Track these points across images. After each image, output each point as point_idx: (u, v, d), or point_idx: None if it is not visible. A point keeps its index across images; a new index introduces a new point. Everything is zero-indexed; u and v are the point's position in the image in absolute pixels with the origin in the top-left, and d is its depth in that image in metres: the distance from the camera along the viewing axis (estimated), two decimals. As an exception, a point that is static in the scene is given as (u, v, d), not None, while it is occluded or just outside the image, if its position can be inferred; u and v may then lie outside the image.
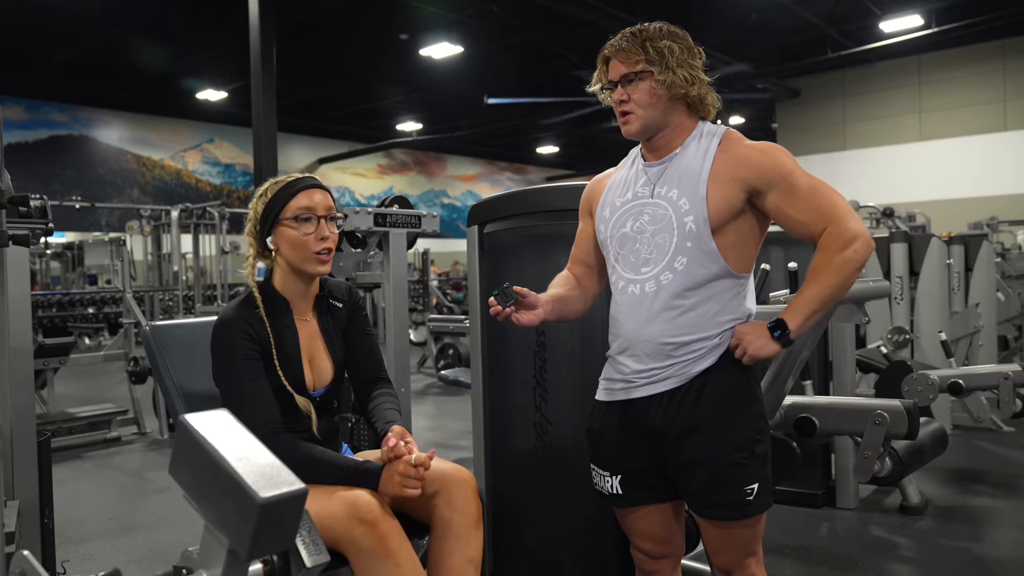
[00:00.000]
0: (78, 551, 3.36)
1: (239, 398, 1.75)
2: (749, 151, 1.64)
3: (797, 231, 1.63)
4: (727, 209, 1.61)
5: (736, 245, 1.64)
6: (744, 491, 1.61)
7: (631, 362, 1.68)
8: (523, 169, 27.58)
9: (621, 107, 1.67)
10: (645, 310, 1.65)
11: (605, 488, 1.76)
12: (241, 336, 1.79)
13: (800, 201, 1.60)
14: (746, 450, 1.62)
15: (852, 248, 1.55)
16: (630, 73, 1.64)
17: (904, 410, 2.45)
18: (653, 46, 1.63)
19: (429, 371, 8.69)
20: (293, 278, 1.91)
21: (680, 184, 1.65)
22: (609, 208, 1.75)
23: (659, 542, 1.78)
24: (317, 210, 1.86)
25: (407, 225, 3.28)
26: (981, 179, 15.07)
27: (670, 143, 1.70)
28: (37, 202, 2.05)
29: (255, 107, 10.25)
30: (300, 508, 1.09)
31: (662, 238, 1.64)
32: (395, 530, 1.64)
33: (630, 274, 1.68)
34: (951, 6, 12.55)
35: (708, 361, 1.63)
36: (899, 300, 5.32)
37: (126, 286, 6.26)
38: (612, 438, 1.73)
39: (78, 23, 12.15)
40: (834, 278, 1.57)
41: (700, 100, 1.68)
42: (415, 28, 12.79)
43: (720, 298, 1.64)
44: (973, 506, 3.67)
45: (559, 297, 1.79)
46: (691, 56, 1.66)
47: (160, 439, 5.60)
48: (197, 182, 19.39)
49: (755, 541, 1.71)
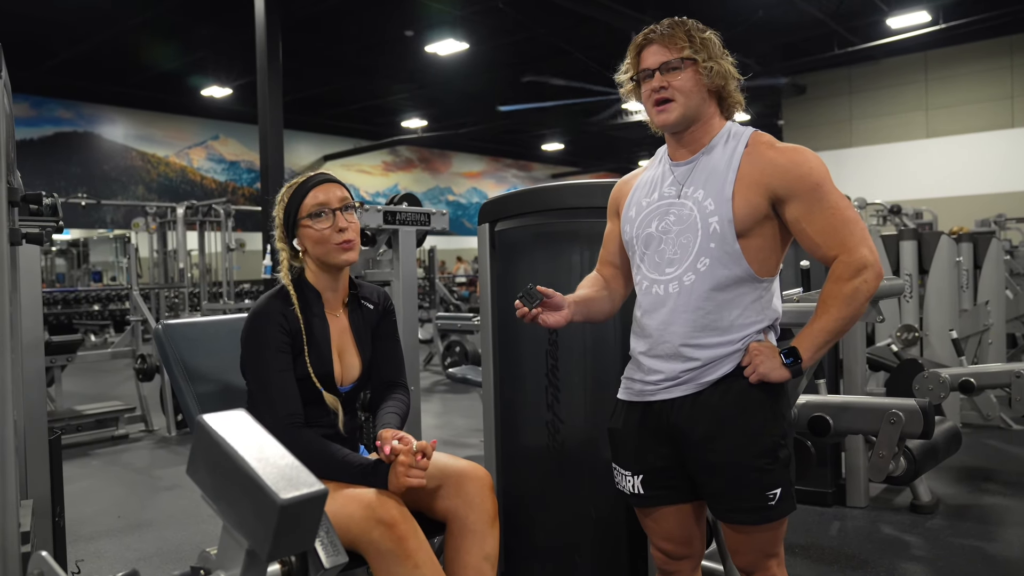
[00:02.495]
0: (88, 549, 3.36)
1: (265, 387, 1.78)
2: (777, 156, 1.60)
3: (810, 248, 1.61)
4: (752, 213, 1.59)
5: (761, 248, 1.62)
6: (767, 496, 1.60)
7: (654, 363, 1.66)
8: (528, 166, 27.57)
9: (660, 94, 1.63)
10: (668, 311, 1.64)
11: (627, 488, 1.75)
12: (274, 327, 1.81)
13: (819, 219, 1.57)
14: (770, 455, 1.61)
15: (862, 278, 1.55)
16: (674, 60, 1.61)
17: (919, 409, 2.44)
18: (698, 35, 1.62)
19: (435, 368, 8.69)
20: (324, 274, 1.93)
21: (707, 184, 1.63)
22: (635, 208, 1.74)
23: (679, 543, 1.77)
24: (331, 203, 1.89)
25: (417, 223, 3.27)
26: (988, 176, 15.02)
27: (699, 140, 1.67)
28: (48, 200, 2.05)
29: (261, 104, 10.24)
30: (320, 509, 1.08)
31: (686, 238, 1.63)
32: (413, 531, 1.64)
33: (654, 274, 1.67)
34: (958, 2, 12.49)
35: (729, 365, 1.62)
36: (908, 298, 5.30)
37: (133, 284, 6.27)
38: (634, 437, 1.72)
39: (83, 20, 12.15)
40: (844, 310, 1.57)
41: (732, 96, 1.67)
42: (421, 25, 12.77)
43: (742, 300, 1.62)
44: (984, 505, 3.66)
45: (586, 298, 1.78)
46: (725, 53, 1.66)
47: (168, 436, 5.61)
48: (202, 179, 19.41)
49: (776, 543, 1.69)
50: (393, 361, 2.06)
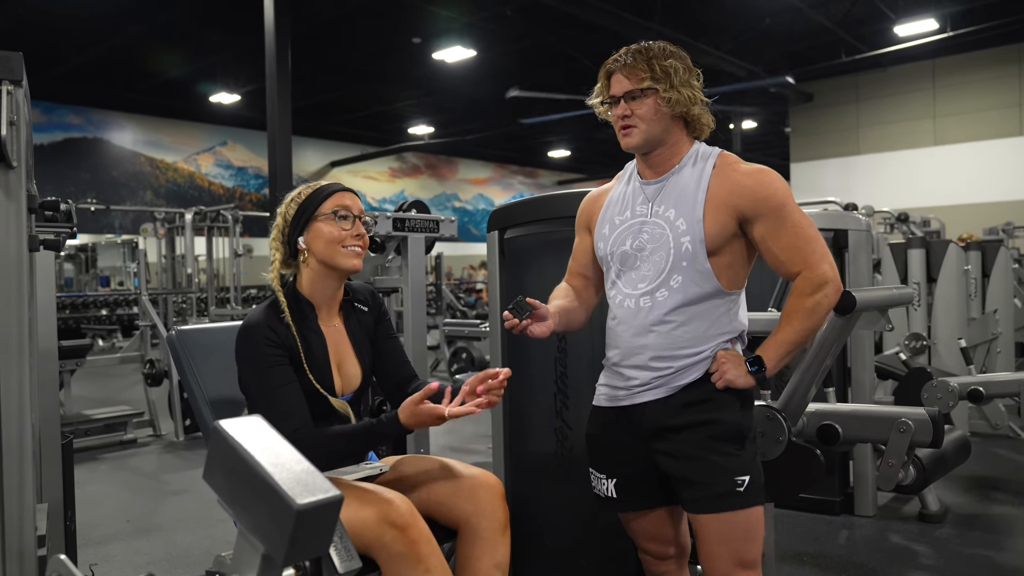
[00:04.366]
0: (98, 553, 3.38)
1: (266, 406, 1.75)
2: (743, 178, 1.68)
3: (774, 265, 1.70)
4: (721, 233, 1.67)
5: (730, 265, 1.71)
6: (735, 480, 1.65)
7: (627, 371, 1.74)
8: (534, 173, 27.61)
9: (624, 121, 1.72)
10: (640, 323, 1.72)
11: (601, 491, 1.83)
12: (266, 343, 1.79)
13: (783, 238, 1.66)
14: (736, 441, 1.68)
15: (823, 292, 1.65)
16: (635, 89, 1.69)
17: (929, 418, 2.43)
18: (659, 64, 1.68)
19: (442, 374, 8.69)
20: (323, 280, 1.90)
21: (677, 204, 1.70)
22: (608, 226, 1.81)
23: (663, 542, 1.84)
24: (352, 209, 1.91)
25: (426, 230, 3.28)
26: (996, 184, 14.98)
27: (667, 161, 1.75)
28: (64, 207, 2.07)
29: (270, 110, 10.29)
30: (335, 515, 1.09)
31: (659, 256, 1.71)
32: (425, 535, 1.65)
33: (628, 289, 1.75)
34: (966, 10, 12.49)
35: (698, 372, 1.70)
36: (916, 306, 5.29)
37: (142, 289, 6.29)
38: (608, 442, 1.80)
39: (93, 27, 12.24)
40: (805, 323, 1.67)
41: (698, 120, 1.73)
42: (428, 32, 12.83)
43: (711, 314, 1.70)
44: (993, 514, 3.65)
45: (564, 308, 1.84)
46: (692, 76, 1.72)
47: (176, 441, 5.63)
48: (210, 185, 19.50)
49: (749, 546, 1.68)
50: (400, 360, 2.06)
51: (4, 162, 1.30)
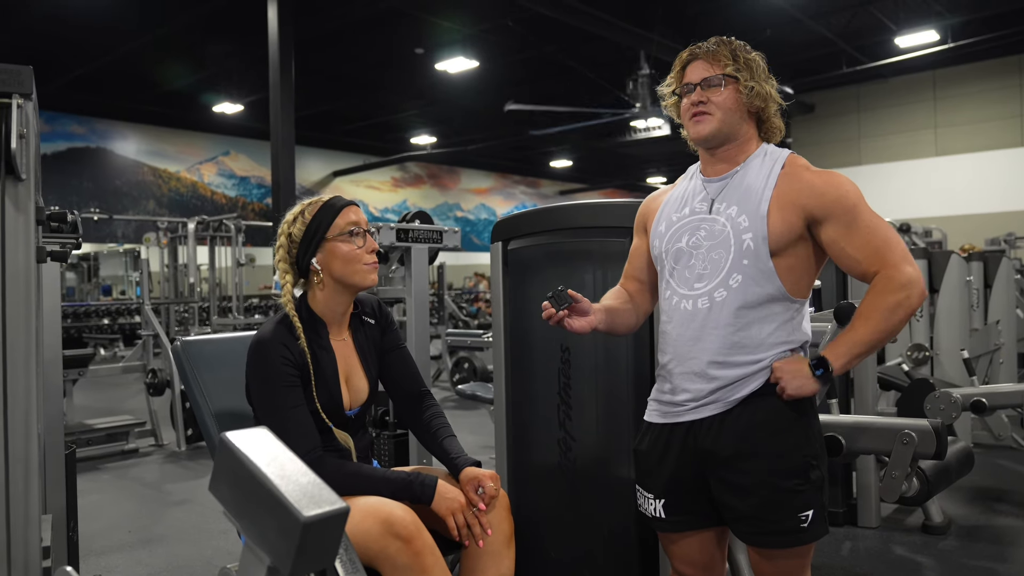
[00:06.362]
0: (100, 564, 3.37)
1: (280, 427, 1.71)
2: (814, 178, 1.60)
3: (849, 267, 1.60)
4: (787, 232, 1.58)
5: (794, 268, 1.60)
6: (799, 518, 1.56)
7: (681, 381, 1.65)
8: (536, 183, 27.64)
9: (698, 107, 1.64)
10: (697, 327, 1.62)
11: (648, 510, 1.73)
12: (280, 362, 1.77)
13: (857, 238, 1.56)
14: (801, 475, 1.57)
15: (906, 293, 1.52)
16: (715, 76, 1.63)
17: (932, 430, 2.43)
18: (743, 55, 1.64)
19: (444, 384, 8.68)
20: (337, 297, 1.90)
21: (740, 201, 1.62)
22: (665, 223, 1.73)
23: (700, 568, 1.74)
24: (362, 224, 1.90)
25: (429, 240, 3.29)
26: (998, 195, 15.01)
27: (733, 158, 1.67)
28: (71, 218, 2.07)
29: (273, 120, 10.33)
30: (342, 527, 1.09)
31: (718, 254, 1.61)
32: (430, 547, 1.65)
33: (684, 289, 1.66)
34: (967, 22, 12.54)
35: (757, 383, 1.59)
36: (919, 317, 5.29)
37: (145, 298, 6.30)
38: (658, 460, 1.69)
39: (96, 37, 12.29)
40: (884, 323, 1.53)
41: (771, 121, 1.68)
42: (431, 43, 12.88)
43: (773, 320, 1.60)
44: (997, 526, 3.64)
45: (612, 308, 1.77)
46: (770, 77, 1.66)
47: (178, 451, 5.62)
48: (212, 194, 19.54)
49: (804, 569, 1.65)
50: (410, 371, 2.06)
51: (13, 175, 1.31)
